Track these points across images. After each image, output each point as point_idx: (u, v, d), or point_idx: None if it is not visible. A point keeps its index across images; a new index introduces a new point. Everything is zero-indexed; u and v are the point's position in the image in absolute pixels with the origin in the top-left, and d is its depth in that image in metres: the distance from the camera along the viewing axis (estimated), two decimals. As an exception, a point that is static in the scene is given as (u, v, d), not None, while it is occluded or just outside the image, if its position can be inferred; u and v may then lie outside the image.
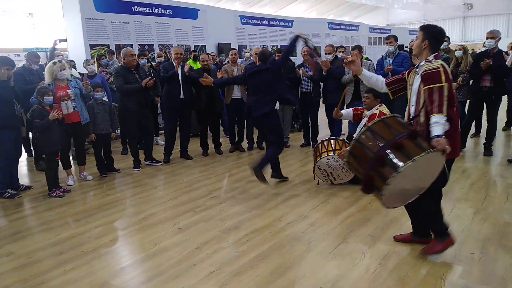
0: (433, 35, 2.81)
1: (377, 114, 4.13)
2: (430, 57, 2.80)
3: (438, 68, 2.69)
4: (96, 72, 6.79)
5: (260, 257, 3.12)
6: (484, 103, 5.71)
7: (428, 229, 3.10)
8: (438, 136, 2.53)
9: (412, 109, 2.86)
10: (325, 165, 4.55)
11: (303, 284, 2.73)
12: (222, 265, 3.01)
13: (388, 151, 2.50)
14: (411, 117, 2.87)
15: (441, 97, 2.62)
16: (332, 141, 4.68)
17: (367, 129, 2.67)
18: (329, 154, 4.48)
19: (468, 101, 6.03)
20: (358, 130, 4.46)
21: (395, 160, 2.45)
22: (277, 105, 4.90)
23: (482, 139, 6.01)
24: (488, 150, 5.71)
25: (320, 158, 4.52)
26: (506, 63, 5.32)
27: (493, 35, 5.40)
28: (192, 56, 8.54)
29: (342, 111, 4.83)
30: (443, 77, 2.66)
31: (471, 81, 5.85)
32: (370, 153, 2.58)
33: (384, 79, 3.19)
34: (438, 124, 2.58)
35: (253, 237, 3.47)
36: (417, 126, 2.77)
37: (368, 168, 2.58)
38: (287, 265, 2.98)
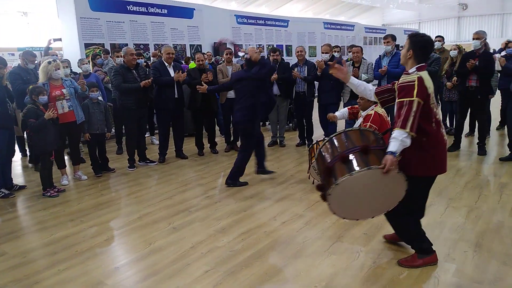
0: (419, 45, 2.68)
1: (372, 115, 4.13)
2: (412, 69, 2.68)
3: (413, 81, 2.58)
4: (91, 71, 6.76)
5: (255, 256, 3.12)
6: (472, 103, 5.77)
7: None
8: (391, 152, 2.48)
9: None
10: None
11: (298, 283, 2.74)
12: (217, 264, 3.01)
13: (336, 163, 2.59)
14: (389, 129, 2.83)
15: (408, 112, 2.51)
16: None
17: (329, 140, 2.80)
18: None
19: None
20: (355, 126, 4.45)
21: (338, 174, 2.54)
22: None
23: (476, 139, 6.05)
24: (482, 149, 5.75)
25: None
26: (496, 67, 5.38)
27: (479, 36, 5.47)
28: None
29: (337, 113, 4.82)
30: (415, 91, 2.54)
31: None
32: (325, 162, 2.71)
33: (374, 87, 3.06)
34: (395, 140, 2.50)
35: (248, 236, 3.48)
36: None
37: (322, 177, 2.69)
38: (282, 264, 2.99)
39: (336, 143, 2.76)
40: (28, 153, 6.38)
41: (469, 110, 5.85)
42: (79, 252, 3.29)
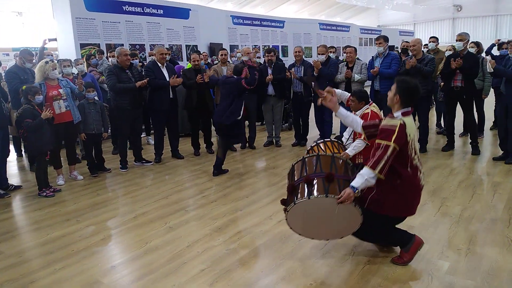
0: (404, 91, 2.76)
1: (370, 114, 4.12)
2: (397, 113, 2.77)
3: (395, 126, 2.66)
4: (86, 71, 6.75)
5: (251, 254, 3.14)
6: (458, 103, 5.85)
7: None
8: (352, 187, 2.62)
9: None
10: None
11: (293, 281, 2.76)
12: (213, 263, 3.03)
13: (301, 183, 2.80)
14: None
15: (382, 156, 2.62)
16: (328, 143, 4.29)
17: (302, 159, 3.00)
18: None
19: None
20: (346, 131, 4.44)
21: (299, 194, 2.76)
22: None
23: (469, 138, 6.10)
24: (475, 149, 5.81)
25: None
26: (488, 69, 5.51)
27: (462, 37, 5.60)
28: None
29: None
30: (394, 137, 2.63)
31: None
32: (292, 180, 2.94)
33: (362, 121, 3.09)
34: (361, 178, 2.64)
35: (244, 235, 3.49)
36: None
37: (287, 192, 2.91)
38: (278, 263, 3.01)
39: (306, 164, 2.94)
40: (27, 154, 6.36)
41: (460, 110, 5.91)
42: (75, 252, 3.30)
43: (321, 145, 4.35)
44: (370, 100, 4.26)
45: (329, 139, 4.42)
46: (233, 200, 4.39)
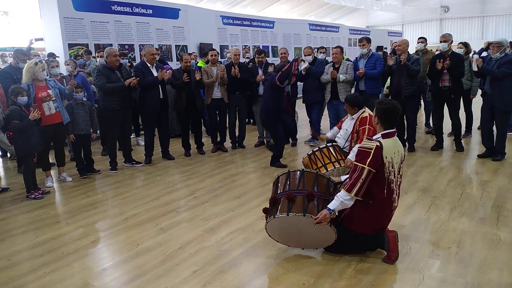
0: (381, 112, 2.81)
1: (368, 117, 4.15)
2: (377, 135, 2.83)
3: (371, 149, 2.70)
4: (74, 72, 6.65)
5: (243, 255, 3.14)
6: (446, 102, 5.94)
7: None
8: (329, 209, 2.73)
9: None
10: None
11: (286, 281, 2.76)
12: (206, 264, 3.02)
13: (282, 198, 2.91)
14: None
15: (357, 179, 2.70)
16: (331, 148, 4.15)
17: (287, 172, 3.10)
18: (335, 166, 4.02)
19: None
20: (342, 134, 4.46)
21: (279, 209, 2.88)
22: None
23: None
24: (459, 146, 5.94)
25: (326, 170, 3.99)
26: (472, 66, 5.62)
27: (446, 38, 5.72)
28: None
29: (328, 134, 4.77)
30: (368, 160, 2.68)
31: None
32: (275, 193, 3.04)
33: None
34: (337, 200, 2.75)
35: (236, 235, 3.49)
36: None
37: (269, 203, 3.02)
38: (270, 263, 3.01)
39: (291, 178, 3.04)
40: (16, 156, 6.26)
41: (448, 110, 5.99)
42: (65, 254, 3.25)
43: (324, 150, 4.19)
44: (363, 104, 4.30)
45: (331, 144, 4.30)
46: (224, 200, 4.38)
